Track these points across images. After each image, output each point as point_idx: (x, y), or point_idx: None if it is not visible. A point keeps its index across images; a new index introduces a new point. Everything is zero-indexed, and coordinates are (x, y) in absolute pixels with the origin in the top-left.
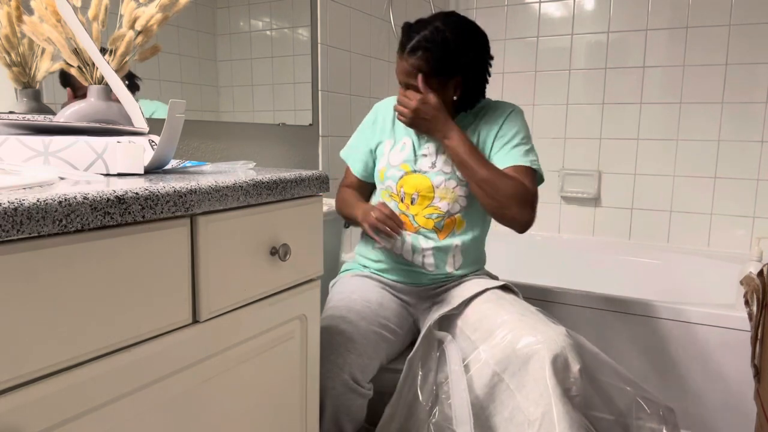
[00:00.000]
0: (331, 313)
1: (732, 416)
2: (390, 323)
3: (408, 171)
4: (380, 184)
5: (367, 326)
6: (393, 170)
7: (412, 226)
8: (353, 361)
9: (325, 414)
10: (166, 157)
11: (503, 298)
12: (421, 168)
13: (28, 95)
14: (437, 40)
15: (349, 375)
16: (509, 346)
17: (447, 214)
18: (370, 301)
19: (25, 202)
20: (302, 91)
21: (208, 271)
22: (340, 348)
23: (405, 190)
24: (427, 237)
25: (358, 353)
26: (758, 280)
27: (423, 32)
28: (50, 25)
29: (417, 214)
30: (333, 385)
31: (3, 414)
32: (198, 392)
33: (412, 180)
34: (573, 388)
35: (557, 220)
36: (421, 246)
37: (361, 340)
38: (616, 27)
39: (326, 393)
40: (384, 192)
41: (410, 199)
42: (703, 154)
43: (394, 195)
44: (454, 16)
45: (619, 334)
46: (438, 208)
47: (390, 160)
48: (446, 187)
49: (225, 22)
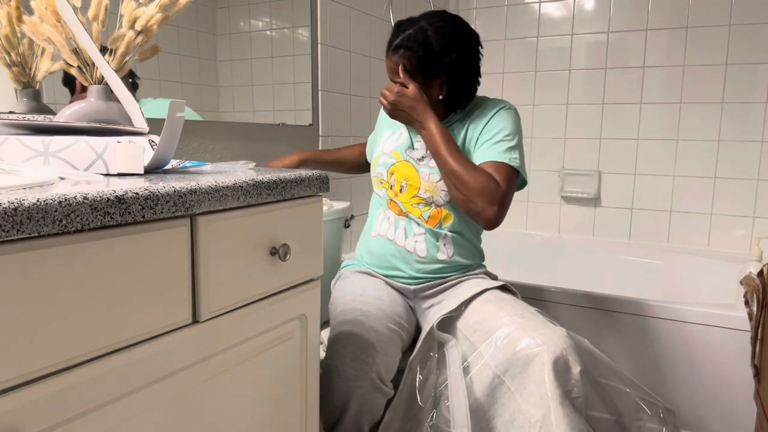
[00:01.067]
0: (349, 308)
1: (732, 416)
2: (402, 320)
3: (398, 159)
4: (373, 171)
5: (386, 324)
6: (385, 157)
7: (402, 212)
8: (380, 361)
9: (347, 413)
10: (166, 157)
11: (503, 299)
12: (411, 156)
13: (28, 95)
14: (419, 39)
15: (376, 374)
16: (509, 348)
17: (432, 203)
18: (383, 299)
19: (25, 202)
20: (302, 91)
21: (208, 271)
22: (369, 347)
23: (395, 177)
24: (419, 224)
25: (384, 352)
26: (758, 280)
27: (408, 31)
28: (50, 25)
29: (405, 202)
30: (361, 384)
31: (3, 414)
32: (198, 392)
33: (402, 168)
34: (574, 390)
35: (557, 220)
36: (413, 231)
37: (386, 339)
38: (616, 27)
39: (353, 392)
40: (376, 179)
41: (399, 186)
42: (703, 154)
43: (385, 182)
44: (441, 15)
45: (618, 334)
46: (422, 198)
47: (384, 147)
48: (430, 179)
49: (225, 22)
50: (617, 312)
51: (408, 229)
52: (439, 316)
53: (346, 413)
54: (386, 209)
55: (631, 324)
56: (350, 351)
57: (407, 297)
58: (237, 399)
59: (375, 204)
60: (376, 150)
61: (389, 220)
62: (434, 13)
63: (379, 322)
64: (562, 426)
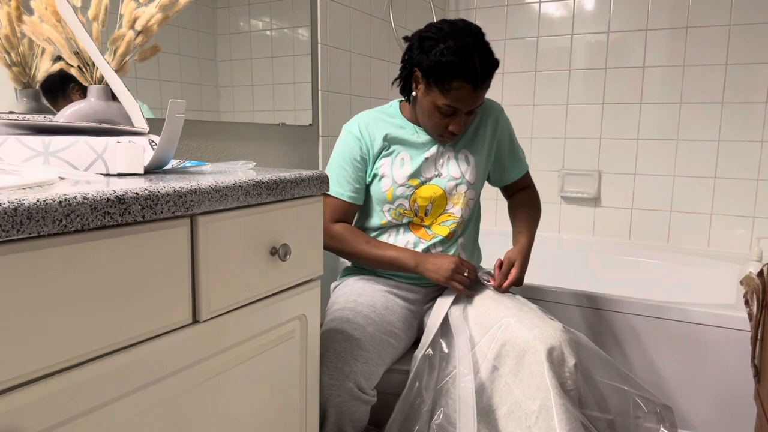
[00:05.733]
0: (337, 316)
1: (732, 416)
2: (395, 328)
3: (417, 184)
4: (387, 205)
5: (374, 332)
6: (402, 188)
7: (428, 235)
8: (359, 369)
9: (327, 421)
10: (166, 157)
11: (502, 295)
12: (428, 176)
13: (28, 95)
14: (496, 64)
15: (354, 383)
16: (507, 342)
17: (462, 219)
18: (376, 305)
19: (25, 202)
20: (302, 91)
21: (208, 271)
22: (347, 355)
23: (419, 203)
24: (442, 242)
25: (363, 361)
26: (758, 280)
27: (488, 60)
28: (50, 25)
29: (432, 224)
30: (337, 393)
31: (3, 414)
32: (198, 392)
33: (424, 192)
34: (569, 382)
35: (557, 220)
36: (430, 251)
37: (368, 347)
38: (616, 27)
39: (330, 401)
40: (393, 212)
41: (424, 211)
42: (703, 154)
43: (407, 212)
44: (475, 29)
45: (618, 333)
46: (452, 214)
47: (395, 177)
48: (458, 191)
49: (225, 22)
50: (617, 312)
51: (426, 251)
52: (445, 307)
53: (325, 420)
54: (405, 233)
55: (631, 324)
56: (327, 359)
57: (411, 295)
58: (237, 399)
59: (378, 219)
60: (384, 183)
61: (408, 244)
62: (472, 30)
63: (363, 330)
64: (558, 415)
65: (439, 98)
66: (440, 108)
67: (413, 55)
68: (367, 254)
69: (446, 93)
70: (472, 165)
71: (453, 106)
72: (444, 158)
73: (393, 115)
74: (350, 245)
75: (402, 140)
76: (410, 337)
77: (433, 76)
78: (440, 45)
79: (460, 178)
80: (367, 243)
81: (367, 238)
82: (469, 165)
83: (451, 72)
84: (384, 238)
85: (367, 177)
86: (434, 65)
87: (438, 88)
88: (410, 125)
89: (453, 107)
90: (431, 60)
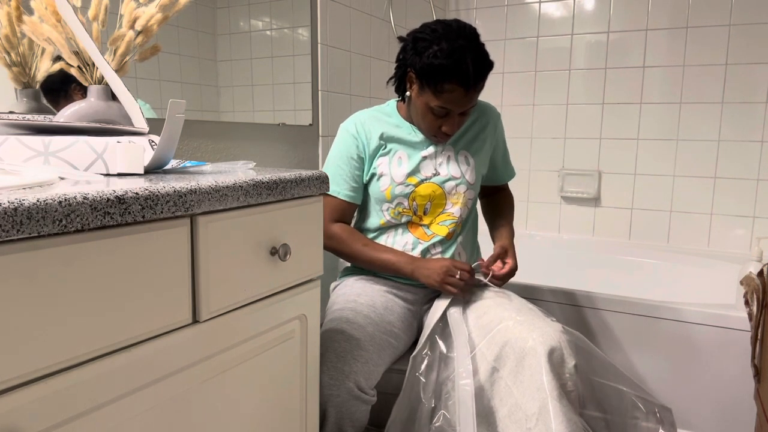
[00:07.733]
0: (337, 316)
1: (732, 416)
2: (395, 328)
3: (416, 182)
4: (386, 204)
5: (374, 332)
6: (401, 187)
7: (427, 235)
8: (359, 369)
9: (327, 421)
10: (166, 157)
11: (501, 296)
12: (427, 175)
13: (28, 95)
14: (490, 65)
15: (354, 383)
16: (507, 343)
17: (460, 219)
18: (376, 305)
19: (25, 202)
20: (302, 91)
21: (208, 271)
22: (347, 355)
23: (417, 202)
24: (441, 242)
25: (363, 360)
26: (758, 280)
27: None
28: (50, 25)
29: (431, 223)
30: (337, 393)
31: (3, 414)
32: (198, 392)
33: (423, 190)
34: (569, 383)
35: (557, 220)
36: (430, 253)
37: (368, 347)
38: (616, 27)
39: (329, 400)
40: (392, 211)
41: (423, 210)
42: (703, 154)
43: (406, 211)
44: (470, 30)
45: (618, 334)
46: (451, 214)
47: (393, 176)
48: (458, 191)
49: (225, 22)
50: (617, 312)
51: (426, 254)
52: (442, 308)
53: (326, 420)
54: (404, 233)
55: (630, 324)
56: (327, 359)
57: (411, 295)
58: (237, 399)
59: (377, 219)
60: (383, 182)
61: (407, 245)
62: (466, 31)
63: (363, 330)
64: (557, 418)
65: (432, 99)
66: (433, 109)
67: (407, 56)
68: (363, 256)
69: (439, 95)
70: (472, 166)
71: (445, 107)
72: (443, 157)
73: (390, 114)
74: (347, 246)
75: (399, 139)
76: (410, 337)
77: (426, 78)
78: (433, 47)
79: (461, 178)
80: (364, 245)
81: (365, 240)
82: (469, 166)
83: (444, 74)
84: (383, 238)
85: (364, 176)
86: (427, 67)
87: (431, 89)
88: (407, 124)
89: (446, 108)
90: (424, 62)
